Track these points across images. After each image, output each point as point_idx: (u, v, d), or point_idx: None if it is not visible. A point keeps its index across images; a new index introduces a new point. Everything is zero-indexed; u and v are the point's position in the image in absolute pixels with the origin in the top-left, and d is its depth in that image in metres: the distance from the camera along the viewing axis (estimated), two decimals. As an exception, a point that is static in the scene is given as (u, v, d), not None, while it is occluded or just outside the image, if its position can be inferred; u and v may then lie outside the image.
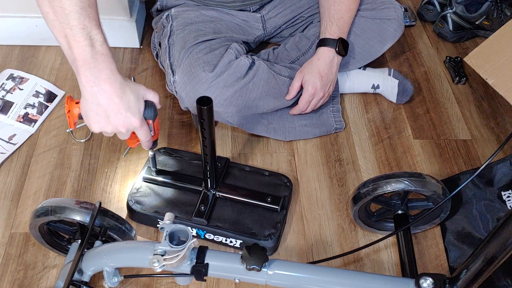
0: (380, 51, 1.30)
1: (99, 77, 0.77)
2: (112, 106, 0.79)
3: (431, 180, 0.96)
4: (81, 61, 0.75)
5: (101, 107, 0.79)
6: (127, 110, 0.80)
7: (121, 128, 0.81)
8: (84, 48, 0.75)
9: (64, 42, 0.75)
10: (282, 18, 1.33)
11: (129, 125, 0.82)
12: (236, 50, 1.17)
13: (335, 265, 1.04)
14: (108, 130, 0.82)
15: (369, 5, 1.27)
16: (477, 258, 0.72)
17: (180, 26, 1.22)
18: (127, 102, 0.80)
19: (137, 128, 0.83)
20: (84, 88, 0.78)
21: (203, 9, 1.26)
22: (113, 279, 0.82)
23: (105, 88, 0.77)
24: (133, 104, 0.81)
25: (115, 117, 0.80)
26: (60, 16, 0.74)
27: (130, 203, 1.06)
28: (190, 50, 1.14)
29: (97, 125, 0.81)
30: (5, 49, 1.45)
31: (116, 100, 0.78)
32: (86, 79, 0.76)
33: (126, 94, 0.80)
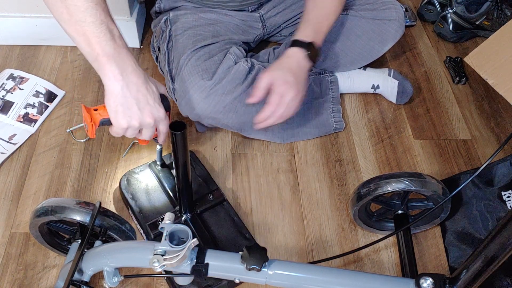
0: (381, 52, 1.30)
1: (126, 70, 0.76)
2: (142, 97, 0.79)
3: (431, 180, 0.96)
4: (105, 56, 0.75)
5: (131, 100, 0.78)
6: (154, 101, 0.80)
7: (149, 119, 0.81)
8: (106, 43, 0.74)
9: (83, 41, 0.75)
10: (282, 17, 1.33)
11: (157, 116, 0.82)
12: (235, 55, 1.16)
13: (335, 265, 1.04)
14: (136, 123, 0.80)
15: (369, 6, 1.27)
16: (477, 258, 0.72)
17: (178, 31, 1.21)
18: (153, 93, 0.80)
19: (162, 119, 0.83)
20: (111, 82, 0.77)
21: (201, 11, 1.25)
22: (113, 279, 0.82)
23: (133, 80, 0.77)
24: (157, 96, 0.82)
25: (144, 108, 0.79)
26: (75, 15, 0.73)
27: (122, 177, 1.10)
28: (189, 57, 1.14)
29: (126, 119, 0.80)
30: (5, 49, 1.45)
31: (145, 91, 0.79)
32: (113, 73, 0.76)
33: (150, 85, 0.80)
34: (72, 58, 1.44)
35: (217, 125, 1.17)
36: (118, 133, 0.83)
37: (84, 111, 0.82)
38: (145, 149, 1.23)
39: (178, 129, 0.82)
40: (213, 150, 1.24)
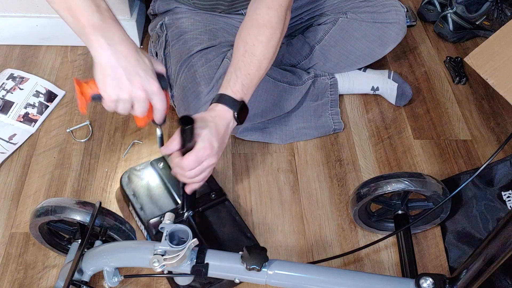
0: (381, 54, 1.30)
1: (112, 39, 0.74)
2: (130, 67, 0.75)
3: (431, 180, 0.96)
4: (90, 27, 0.73)
5: (119, 70, 0.75)
6: (145, 72, 0.76)
7: (139, 92, 0.76)
8: (92, 15, 0.73)
9: (69, 15, 0.73)
10: None
11: (148, 88, 0.77)
12: None
13: (335, 265, 1.04)
14: (125, 95, 0.76)
15: (369, 8, 1.26)
16: (477, 258, 0.72)
17: (174, 36, 1.19)
18: (144, 64, 0.77)
19: (155, 92, 0.78)
20: (98, 53, 0.74)
21: (196, 14, 1.22)
22: (113, 279, 0.82)
23: (121, 49, 0.75)
24: (149, 68, 0.77)
25: (133, 79, 0.76)
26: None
27: (123, 174, 1.10)
28: (186, 63, 1.13)
29: (115, 91, 0.76)
30: (6, 49, 1.45)
31: (134, 62, 0.75)
32: (99, 43, 0.74)
33: (141, 57, 0.77)
34: (72, 58, 1.44)
35: None
36: (110, 106, 0.78)
37: (75, 83, 0.79)
38: (145, 149, 1.23)
39: (187, 124, 0.81)
40: (213, 150, 1.24)
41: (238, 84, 0.92)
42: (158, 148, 0.98)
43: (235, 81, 0.92)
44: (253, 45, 0.93)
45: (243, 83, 0.92)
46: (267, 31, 0.93)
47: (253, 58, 0.93)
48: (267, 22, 0.93)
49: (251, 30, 0.94)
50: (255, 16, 0.94)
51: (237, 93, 0.92)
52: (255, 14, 0.94)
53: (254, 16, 0.94)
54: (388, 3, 1.26)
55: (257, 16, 0.93)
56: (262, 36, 0.93)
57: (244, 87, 0.93)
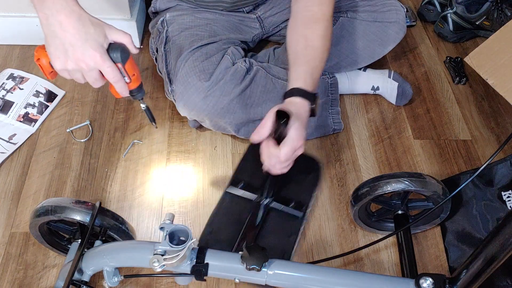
0: (382, 54, 1.30)
1: (52, 8, 0.72)
2: (69, 38, 0.73)
3: (431, 180, 0.96)
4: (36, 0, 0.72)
5: (58, 40, 0.73)
6: (84, 42, 0.73)
7: (81, 64, 0.75)
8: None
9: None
10: (281, 17, 1.33)
11: (89, 59, 0.74)
12: (233, 55, 1.16)
13: (335, 265, 1.04)
14: (69, 66, 0.75)
15: (370, 7, 1.26)
16: (477, 258, 0.72)
17: (175, 32, 1.20)
18: (85, 34, 0.73)
19: (99, 64, 0.75)
20: (42, 24, 0.74)
21: (197, 12, 1.24)
22: (113, 279, 0.82)
23: (60, 19, 0.73)
24: (92, 37, 0.74)
25: (73, 50, 0.73)
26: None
27: None
28: (186, 58, 1.13)
29: (58, 61, 0.75)
30: (6, 49, 1.45)
31: (72, 31, 0.73)
32: (42, 13, 0.73)
33: (84, 25, 0.73)
34: (72, 58, 1.44)
35: (214, 128, 1.17)
36: (64, 75, 0.78)
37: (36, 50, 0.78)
38: (145, 149, 1.23)
39: (282, 118, 0.82)
40: (213, 150, 1.24)
41: (309, 77, 0.94)
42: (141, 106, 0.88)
43: (305, 75, 0.94)
44: (313, 39, 0.98)
45: (312, 76, 0.95)
46: (324, 24, 0.99)
47: (317, 51, 0.98)
48: (322, 17, 0.99)
49: (309, 25, 0.99)
50: (309, 13, 1.00)
51: (309, 86, 0.93)
52: (308, 11, 1.00)
53: (307, 13, 1.00)
54: (388, 3, 1.27)
55: (311, 12, 0.99)
56: (320, 30, 0.99)
57: (314, 80, 0.95)
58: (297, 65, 0.96)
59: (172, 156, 1.22)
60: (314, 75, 0.96)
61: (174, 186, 1.17)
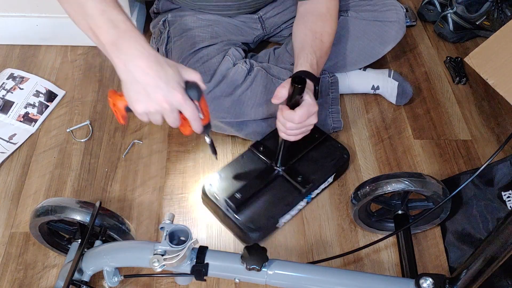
0: (382, 53, 1.30)
1: (130, 54, 0.74)
2: (150, 81, 0.74)
3: (431, 180, 0.96)
4: (109, 45, 0.73)
5: (139, 85, 0.74)
6: (166, 84, 0.74)
7: (164, 104, 0.75)
8: (108, 31, 0.73)
9: (92, 35, 0.74)
10: (281, 17, 1.33)
11: (172, 100, 0.75)
12: (233, 56, 1.16)
13: (335, 265, 1.04)
14: (151, 109, 0.76)
15: (370, 7, 1.26)
16: (477, 259, 0.72)
17: (177, 32, 1.21)
18: (165, 75, 0.75)
19: (181, 104, 0.76)
20: (119, 69, 0.75)
21: (199, 13, 1.25)
22: (113, 279, 0.82)
23: (139, 63, 0.74)
24: (172, 78, 0.75)
25: (155, 93, 0.74)
26: (79, 10, 0.74)
27: (246, 229, 1.04)
28: (188, 59, 1.13)
29: (140, 105, 0.76)
30: (6, 49, 1.45)
31: (152, 74, 0.74)
32: (118, 59, 0.74)
33: (163, 67, 0.75)
34: (72, 58, 1.44)
35: (215, 129, 1.18)
36: (142, 119, 0.79)
37: (109, 95, 0.79)
38: (145, 149, 1.23)
39: (299, 83, 0.87)
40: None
41: (315, 63, 1.02)
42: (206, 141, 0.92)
43: (312, 60, 1.02)
44: (321, 34, 1.06)
45: (318, 63, 1.03)
46: (331, 22, 1.08)
47: (323, 45, 1.06)
48: (329, 17, 1.08)
49: (317, 22, 1.08)
50: (317, 12, 1.08)
51: (314, 70, 1.01)
52: (316, 10, 1.09)
53: (316, 12, 1.09)
54: (388, 2, 1.27)
55: (318, 12, 1.08)
56: (327, 27, 1.07)
57: (319, 68, 1.04)
58: (304, 53, 1.03)
59: (172, 156, 1.22)
60: (318, 64, 1.03)
61: (174, 186, 1.17)
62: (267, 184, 1.10)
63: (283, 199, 1.08)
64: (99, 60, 1.44)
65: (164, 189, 1.16)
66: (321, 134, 1.17)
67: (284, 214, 1.07)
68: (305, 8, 1.10)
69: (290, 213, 1.09)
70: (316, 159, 1.14)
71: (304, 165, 1.12)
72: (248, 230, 1.03)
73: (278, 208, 1.07)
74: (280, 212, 1.06)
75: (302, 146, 1.13)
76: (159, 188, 1.16)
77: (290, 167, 1.12)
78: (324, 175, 1.12)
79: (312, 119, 0.95)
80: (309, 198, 1.11)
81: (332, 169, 1.14)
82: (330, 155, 1.15)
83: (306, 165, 1.13)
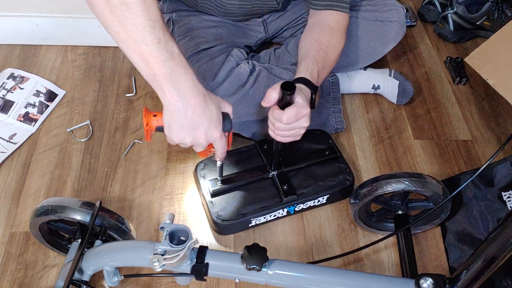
0: (382, 53, 1.30)
1: (183, 90, 0.75)
2: (197, 119, 0.78)
3: (432, 180, 0.96)
4: (162, 76, 0.73)
5: (185, 120, 0.77)
6: (210, 122, 0.79)
7: (202, 140, 0.81)
8: (164, 63, 0.72)
9: (140, 60, 0.72)
10: (284, 20, 1.33)
11: (210, 137, 0.81)
12: (236, 57, 1.17)
13: (335, 265, 1.04)
14: (188, 142, 0.81)
15: (370, 7, 1.27)
16: (477, 259, 0.72)
17: (181, 32, 1.22)
18: (210, 114, 0.79)
19: (216, 140, 0.82)
20: (169, 103, 0.76)
21: (204, 14, 1.26)
22: (113, 279, 0.82)
23: (190, 101, 0.76)
24: (215, 116, 0.80)
25: (198, 129, 0.79)
26: (133, 34, 0.69)
27: (215, 217, 1.05)
28: (191, 59, 1.14)
29: (179, 136, 0.80)
30: (6, 48, 1.45)
31: (200, 112, 0.77)
32: (170, 94, 0.75)
33: (208, 106, 0.79)
34: (72, 58, 1.44)
35: None
36: (170, 143, 0.83)
37: (144, 114, 0.82)
38: (145, 149, 1.23)
39: (289, 90, 0.87)
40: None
41: (315, 72, 1.01)
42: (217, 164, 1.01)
43: (313, 69, 1.01)
44: (326, 46, 1.05)
45: (318, 73, 1.02)
46: (337, 38, 1.08)
47: (327, 56, 1.05)
48: (337, 31, 1.08)
49: (324, 34, 1.07)
50: (325, 25, 1.08)
51: (314, 79, 1.00)
52: (325, 23, 1.08)
53: (324, 25, 1.08)
54: (389, 2, 1.27)
55: (327, 25, 1.08)
56: (333, 41, 1.07)
57: (319, 78, 1.03)
58: (306, 61, 1.03)
59: (172, 156, 1.22)
60: (319, 74, 1.02)
61: (174, 186, 1.17)
62: (254, 182, 1.10)
63: (262, 201, 1.07)
64: (99, 60, 1.44)
65: (164, 189, 1.16)
66: (332, 152, 1.15)
67: (257, 216, 1.06)
68: (315, 20, 1.10)
69: (265, 217, 1.08)
70: (316, 175, 1.11)
71: (299, 177, 1.11)
72: (217, 218, 1.04)
73: (253, 208, 1.06)
74: (254, 212, 1.06)
75: (306, 158, 1.13)
76: (159, 188, 1.16)
77: (284, 173, 1.11)
78: (314, 193, 1.09)
79: (303, 121, 0.93)
80: (292, 210, 1.09)
81: (327, 190, 1.10)
82: (332, 176, 1.11)
83: (302, 177, 1.11)
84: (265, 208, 1.06)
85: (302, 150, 1.15)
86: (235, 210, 1.06)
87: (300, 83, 0.98)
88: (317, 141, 1.18)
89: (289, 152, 1.14)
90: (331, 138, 1.19)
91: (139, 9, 0.68)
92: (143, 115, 0.83)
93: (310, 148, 1.16)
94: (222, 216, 1.04)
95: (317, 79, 1.01)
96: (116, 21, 0.69)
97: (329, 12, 1.08)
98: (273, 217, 1.09)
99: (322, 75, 1.04)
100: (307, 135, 1.14)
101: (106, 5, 0.68)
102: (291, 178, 1.11)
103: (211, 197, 1.07)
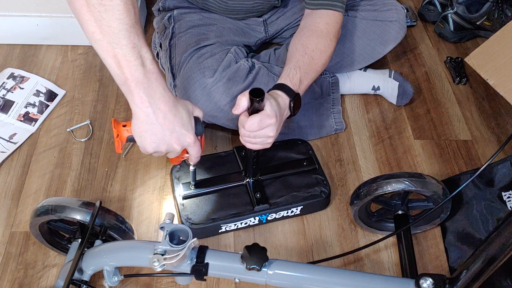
0: (382, 53, 1.30)
1: (153, 96, 0.75)
2: (168, 125, 0.77)
3: (432, 180, 0.96)
4: (134, 82, 0.73)
5: (157, 127, 0.77)
6: (181, 127, 0.79)
7: (176, 146, 0.80)
8: (136, 68, 0.72)
9: (113, 62, 0.72)
10: (284, 20, 1.33)
11: (184, 142, 0.81)
12: (236, 54, 1.17)
13: (335, 265, 1.04)
14: (162, 149, 0.80)
15: (370, 7, 1.27)
16: (477, 259, 0.72)
17: (182, 28, 1.22)
18: (181, 119, 0.79)
19: (190, 145, 0.82)
20: (139, 108, 0.75)
21: (205, 12, 1.26)
22: (113, 278, 0.82)
23: (160, 107, 0.76)
24: (186, 121, 0.80)
25: (170, 136, 0.78)
26: (108, 36, 0.69)
27: (185, 219, 1.05)
28: (192, 54, 1.14)
29: (152, 145, 0.79)
30: (6, 48, 1.45)
31: (171, 118, 0.77)
32: (141, 99, 0.74)
33: (179, 111, 0.79)
34: (72, 58, 1.44)
35: (217, 122, 1.17)
36: (144, 152, 0.82)
37: (113, 125, 0.82)
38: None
39: (257, 96, 0.86)
40: (214, 150, 1.24)
41: (297, 78, 0.99)
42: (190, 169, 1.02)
43: (294, 75, 0.99)
44: (312, 51, 1.03)
45: (301, 79, 1.00)
46: (325, 41, 1.05)
47: (312, 61, 1.02)
48: (326, 34, 1.05)
49: (311, 38, 1.04)
50: (314, 27, 1.05)
51: (295, 86, 0.98)
52: (314, 26, 1.05)
53: (313, 27, 1.05)
54: (389, 2, 1.27)
55: (316, 27, 1.05)
56: (321, 45, 1.04)
57: (302, 84, 1.00)
58: (288, 66, 1.01)
59: (172, 155, 1.22)
60: (302, 79, 1.00)
61: (174, 185, 1.17)
62: (228, 188, 1.09)
63: (234, 207, 1.06)
64: (99, 59, 1.44)
65: (164, 189, 1.16)
66: (310, 164, 1.13)
67: (228, 222, 1.05)
68: (305, 22, 1.08)
69: (235, 224, 1.07)
70: (291, 185, 1.10)
71: (274, 185, 1.10)
72: (186, 220, 1.04)
73: (224, 214, 1.05)
74: (224, 218, 1.05)
75: (284, 167, 1.13)
76: (159, 188, 1.16)
77: (259, 181, 1.10)
78: (288, 203, 1.07)
79: (267, 131, 0.91)
80: (264, 219, 1.08)
81: (301, 201, 1.08)
82: (308, 187, 1.10)
83: (277, 186, 1.10)
84: (236, 215, 1.05)
85: (280, 159, 1.14)
86: (205, 214, 1.05)
87: (278, 90, 0.96)
88: (297, 151, 1.16)
89: (267, 160, 1.13)
90: (311, 148, 1.17)
91: (118, 12, 0.67)
92: (112, 126, 0.82)
93: (288, 158, 1.15)
94: (192, 220, 1.04)
95: (299, 85, 0.99)
96: (93, 21, 0.68)
97: (323, 12, 1.06)
98: (245, 224, 1.08)
99: (305, 81, 1.01)
100: (288, 144, 1.15)
101: (84, 3, 0.67)
102: (266, 186, 1.09)
103: (182, 200, 1.07)
